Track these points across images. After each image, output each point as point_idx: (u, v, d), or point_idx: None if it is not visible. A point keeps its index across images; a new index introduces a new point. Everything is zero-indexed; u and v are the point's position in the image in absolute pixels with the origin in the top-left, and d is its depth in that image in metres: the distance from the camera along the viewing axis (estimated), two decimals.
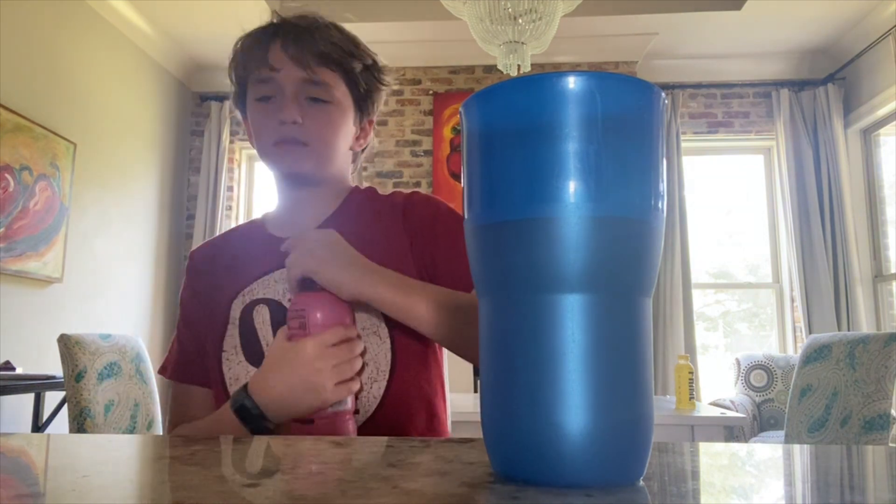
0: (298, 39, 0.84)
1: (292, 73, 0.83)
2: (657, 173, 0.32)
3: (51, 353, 2.95)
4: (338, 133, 0.88)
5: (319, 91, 0.85)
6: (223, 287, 0.88)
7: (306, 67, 0.83)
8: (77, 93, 3.43)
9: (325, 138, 0.86)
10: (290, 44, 0.83)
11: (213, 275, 0.91)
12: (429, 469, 0.33)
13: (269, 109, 0.85)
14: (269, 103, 0.85)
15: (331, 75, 0.85)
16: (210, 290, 0.90)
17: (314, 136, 0.85)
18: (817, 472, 0.36)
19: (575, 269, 0.30)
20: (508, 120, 0.32)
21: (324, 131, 0.85)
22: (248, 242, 0.93)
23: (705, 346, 4.45)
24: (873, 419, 2.08)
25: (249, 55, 0.86)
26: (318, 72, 0.84)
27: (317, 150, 0.85)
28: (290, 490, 0.28)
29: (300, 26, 0.85)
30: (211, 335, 0.86)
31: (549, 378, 0.30)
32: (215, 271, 0.91)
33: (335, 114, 0.87)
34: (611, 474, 0.30)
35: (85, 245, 3.48)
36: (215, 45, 4.19)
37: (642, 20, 3.83)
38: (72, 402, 2.10)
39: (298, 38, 0.84)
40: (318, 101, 0.85)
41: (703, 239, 4.39)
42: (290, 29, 0.85)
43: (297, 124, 0.83)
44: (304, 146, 0.84)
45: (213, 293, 0.89)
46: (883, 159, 4.02)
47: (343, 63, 0.86)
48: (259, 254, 0.89)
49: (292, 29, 0.85)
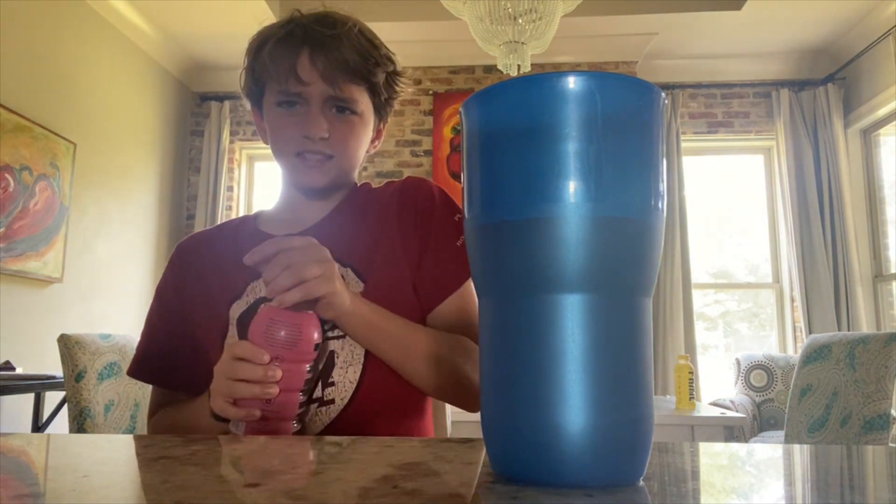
0: (327, 52, 0.82)
1: (320, 87, 0.82)
2: (657, 173, 0.32)
3: (51, 353, 2.94)
4: (360, 143, 0.88)
5: (345, 104, 0.85)
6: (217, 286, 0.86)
7: (335, 84, 0.82)
8: (77, 93, 3.43)
9: (349, 151, 0.86)
10: (319, 57, 0.82)
11: (202, 271, 0.89)
12: (429, 469, 0.33)
13: (293, 119, 0.84)
14: (292, 112, 0.84)
15: (357, 90, 0.85)
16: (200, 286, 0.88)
17: (339, 148, 0.85)
18: (817, 472, 0.36)
19: (575, 269, 0.30)
20: (508, 120, 0.32)
21: (349, 143, 0.85)
22: (242, 240, 0.90)
23: (705, 346, 4.45)
24: (873, 419, 2.08)
25: (275, 62, 0.83)
26: (345, 89, 0.83)
27: (339, 162, 0.85)
28: (290, 490, 0.28)
29: (327, 35, 0.83)
30: (211, 336, 0.85)
31: (549, 378, 0.30)
32: (204, 267, 0.89)
33: (359, 125, 0.87)
34: (611, 474, 0.30)
35: (85, 245, 3.48)
36: (215, 45, 4.19)
37: (642, 20, 3.83)
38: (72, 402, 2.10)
39: (328, 51, 0.82)
40: (343, 112, 0.85)
41: (703, 239, 4.39)
42: (318, 38, 0.83)
43: (323, 140, 0.83)
44: (329, 158, 0.84)
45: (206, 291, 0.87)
46: (883, 159, 4.02)
47: (369, 76, 0.85)
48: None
49: (321, 39, 0.83)
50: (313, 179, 0.85)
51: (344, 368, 0.79)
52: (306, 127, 0.82)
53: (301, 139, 0.83)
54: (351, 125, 0.85)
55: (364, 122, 0.87)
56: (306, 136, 0.82)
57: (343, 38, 0.83)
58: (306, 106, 0.83)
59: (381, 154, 4.23)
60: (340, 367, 0.79)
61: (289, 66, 0.82)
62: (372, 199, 0.92)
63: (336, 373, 0.79)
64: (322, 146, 0.83)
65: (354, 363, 0.79)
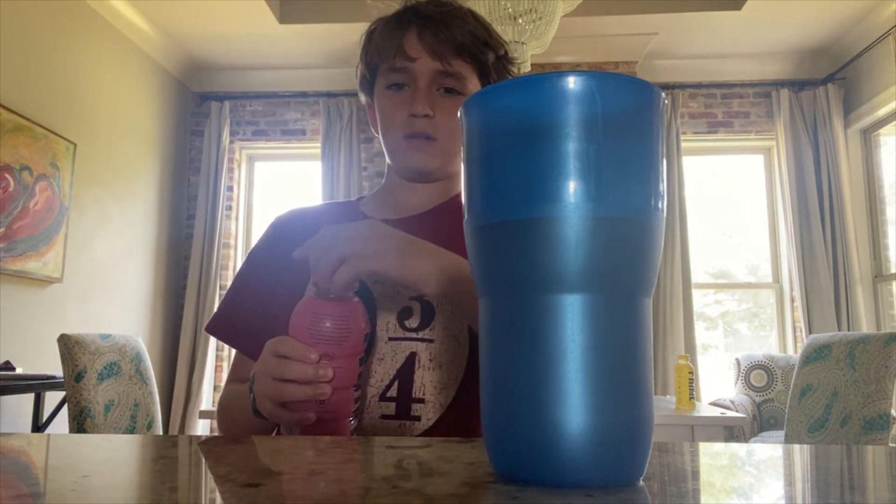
0: (436, 28, 0.80)
1: (428, 63, 0.80)
2: (657, 173, 0.32)
3: (51, 353, 2.95)
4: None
5: (453, 83, 0.82)
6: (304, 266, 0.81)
7: (443, 59, 0.80)
8: (77, 93, 3.43)
9: (454, 133, 0.83)
10: (428, 33, 0.80)
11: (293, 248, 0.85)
12: (429, 469, 0.33)
13: (400, 100, 0.82)
14: (400, 92, 0.82)
15: (466, 67, 0.82)
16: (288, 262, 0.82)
17: (444, 130, 0.82)
18: (817, 472, 0.36)
19: (575, 269, 0.30)
20: (508, 120, 0.32)
21: (455, 125, 0.82)
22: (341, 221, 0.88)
23: (705, 346, 4.45)
24: (873, 419, 2.08)
25: (384, 41, 0.82)
26: (454, 64, 0.81)
27: (444, 145, 0.82)
28: (290, 490, 0.28)
29: (437, 14, 0.81)
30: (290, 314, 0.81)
31: (549, 378, 0.30)
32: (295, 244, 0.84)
33: None
34: (611, 474, 0.30)
35: (85, 245, 3.48)
36: (215, 45, 4.18)
37: (642, 20, 3.83)
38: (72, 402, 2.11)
39: (436, 27, 0.80)
40: (450, 93, 0.82)
41: (703, 239, 4.39)
42: (428, 16, 0.81)
43: (427, 118, 0.80)
44: (433, 141, 0.82)
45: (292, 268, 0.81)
46: (883, 159, 4.02)
47: (478, 55, 0.83)
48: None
49: (429, 16, 0.81)
50: (418, 161, 0.82)
51: (438, 389, 0.74)
52: (412, 105, 0.80)
53: (406, 119, 0.81)
54: (457, 106, 0.79)
55: None
56: (412, 113, 0.80)
57: (453, 16, 0.82)
58: (413, 85, 0.81)
59: (381, 154, 4.23)
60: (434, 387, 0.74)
61: (397, 43, 0.81)
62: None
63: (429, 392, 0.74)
64: (427, 127, 0.80)
65: (449, 386, 0.75)
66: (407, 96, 0.81)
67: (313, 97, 4.44)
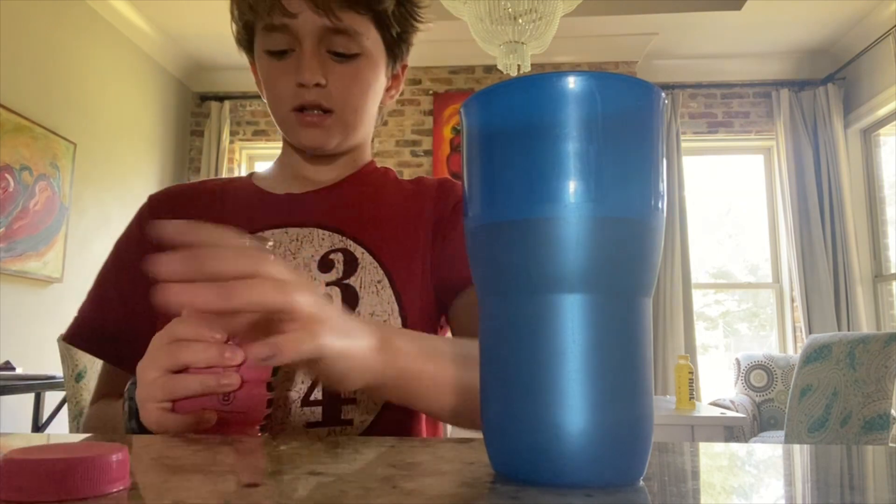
0: None
1: (311, 19, 0.68)
2: (657, 173, 0.32)
3: (51, 353, 2.94)
4: (368, 94, 0.73)
5: (345, 42, 0.70)
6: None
7: (329, 12, 0.67)
8: (77, 93, 3.43)
9: (353, 103, 0.72)
10: None
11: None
12: (429, 469, 0.33)
13: (286, 67, 0.70)
14: (284, 59, 0.70)
15: (359, 20, 0.70)
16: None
17: (340, 100, 0.71)
18: (817, 472, 0.36)
19: (575, 269, 0.30)
20: (508, 120, 0.32)
21: (352, 94, 0.71)
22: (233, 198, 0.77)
23: (705, 346, 4.45)
24: (873, 419, 2.08)
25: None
26: (343, 17, 0.68)
27: (343, 117, 0.72)
28: (290, 490, 0.28)
29: None
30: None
31: (549, 378, 0.30)
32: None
33: (365, 69, 0.72)
34: (611, 474, 0.30)
35: (85, 245, 3.48)
36: (215, 45, 4.18)
37: (642, 20, 3.83)
38: (72, 402, 2.10)
39: None
40: (343, 57, 0.70)
41: (703, 239, 4.39)
42: None
43: (319, 87, 0.69)
44: (329, 115, 0.71)
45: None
46: (883, 159, 4.02)
47: (372, 3, 0.70)
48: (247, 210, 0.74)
49: None
50: (314, 139, 0.72)
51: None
52: (299, 72, 0.68)
53: (295, 90, 0.69)
54: (354, 69, 0.71)
55: (372, 64, 0.72)
56: (301, 83, 0.68)
57: None
58: (299, 48, 0.69)
59: (381, 154, 4.23)
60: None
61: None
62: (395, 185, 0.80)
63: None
64: (320, 97, 0.69)
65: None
66: (292, 62, 0.69)
67: None
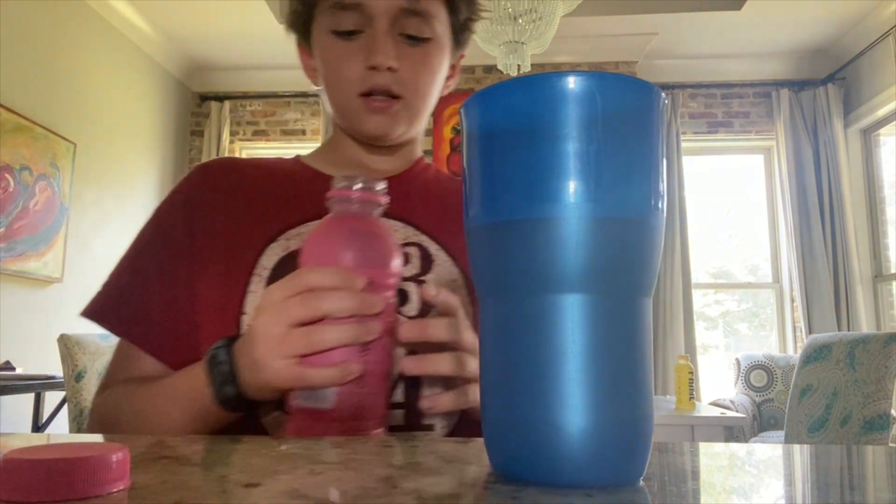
0: None
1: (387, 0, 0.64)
2: (657, 173, 0.32)
3: (51, 353, 2.94)
4: (435, 81, 0.70)
5: (419, 24, 0.66)
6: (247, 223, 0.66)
7: None
8: (77, 93, 3.43)
9: (422, 90, 0.68)
10: None
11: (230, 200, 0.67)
12: (429, 469, 0.33)
13: (354, 49, 0.65)
14: (353, 40, 0.66)
15: (433, 2, 0.67)
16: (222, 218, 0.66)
17: (410, 86, 0.67)
18: (817, 472, 0.36)
19: (575, 269, 0.30)
20: (508, 120, 0.32)
21: (421, 80, 0.68)
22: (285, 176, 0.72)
23: (705, 346, 4.45)
24: (873, 419, 2.08)
25: None
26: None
27: (411, 104, 0.68)
28: (290, 490, 0.28)
29: None
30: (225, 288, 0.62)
31: (549, 378, 0.30)
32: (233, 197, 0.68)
33: (435, 55, 0.68)
34: (611, 474, 0.30)
35: (85, 245, 3.48)
36: (215, 45, 4.18)
37: (642, 20, 3.83)
38: (72, 402, 2.10)
39: None
40: (415, 41, 0.67)
41: (703, 239, 4.39)
42: None
43: (391, 71, 0.65)
44: (398, 100, 0.67)
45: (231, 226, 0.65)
46: (883, 159, 4.02)
47: None
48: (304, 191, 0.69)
49: None
50: (379, 126, 0.67)
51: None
52: (371, 54, 0.64)
53: (363, 73, 0.65)
54: (424, 55, 0.67)
55: (440, 50, 0.69)
56: (371, 66, 0.64)
57: None
58: (369, 29, 0.65)
59: None
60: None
61: None
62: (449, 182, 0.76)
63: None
64: (389, 80, 0.65)
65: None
66: (362, 43, 0.65)
67: (313, 97, 4.44)
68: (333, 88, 0.69)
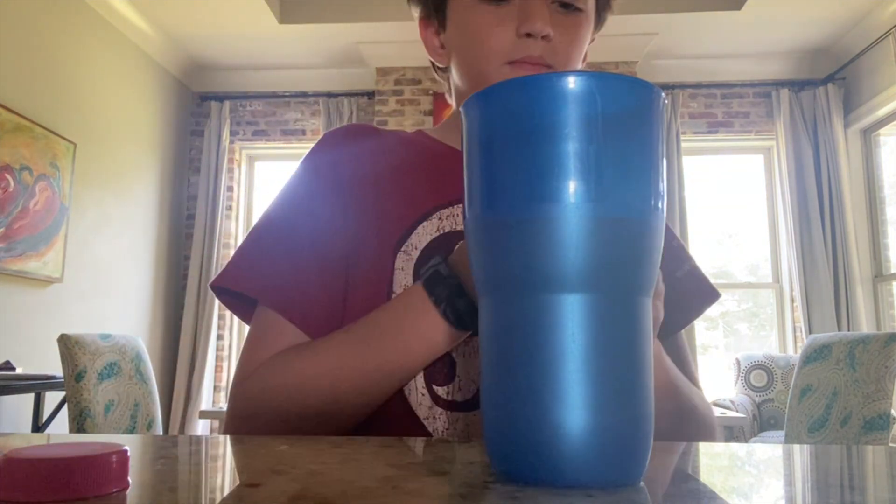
0: None
1: None
2: (657, 173, 0.32)
3: (51, 353, 2.94)
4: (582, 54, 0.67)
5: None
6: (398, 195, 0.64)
7: None
8: (77, 93, 3.43)
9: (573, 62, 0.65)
10: None
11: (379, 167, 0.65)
12: (429, 469, 0.33)
13: (504, 15, 0.62)
14: (502, 5, 0.63)
15: None
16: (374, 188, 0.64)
17: (562, 57, 0.64)
18: (817, 472, 0.36)
19: (575, 269, 0.30)
20: (508, 120, 0.32)
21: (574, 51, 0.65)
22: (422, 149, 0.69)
23: (705, 346, 4.45)
24: (873, 419, 2.08)
25: None
26: None
27: None
28: (290, 490, 0.28)
29: None
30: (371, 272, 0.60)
31: (549, 378, 0.30)
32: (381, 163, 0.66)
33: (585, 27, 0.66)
34: (611, 474, 0.30)
35: (85, 245, 3.48)
36: (215, 45, 4.18)
37: (642, 20, 3.83)
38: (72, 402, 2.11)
39: None
40: (569, 9, 0.64)
41: (703, 239, 4.39)
42: None
43: (546, 40, 0.62)
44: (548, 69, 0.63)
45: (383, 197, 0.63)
46: (883, 159, 4.02)
47: None
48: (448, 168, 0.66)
49: None
50: None
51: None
52: (526, 21, 0.61)
53: (514, 41, 0.62)
54: (576, 25, 0.64)
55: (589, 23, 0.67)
56: (527, 32, 0.61)
57: None
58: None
59: None
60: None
61: None
62: None
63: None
64: (544, 50, 0.62)
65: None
66: (512, 9, 0.62)
67: (313, 97, 4.44)
68: (476, 56, 0.64)
